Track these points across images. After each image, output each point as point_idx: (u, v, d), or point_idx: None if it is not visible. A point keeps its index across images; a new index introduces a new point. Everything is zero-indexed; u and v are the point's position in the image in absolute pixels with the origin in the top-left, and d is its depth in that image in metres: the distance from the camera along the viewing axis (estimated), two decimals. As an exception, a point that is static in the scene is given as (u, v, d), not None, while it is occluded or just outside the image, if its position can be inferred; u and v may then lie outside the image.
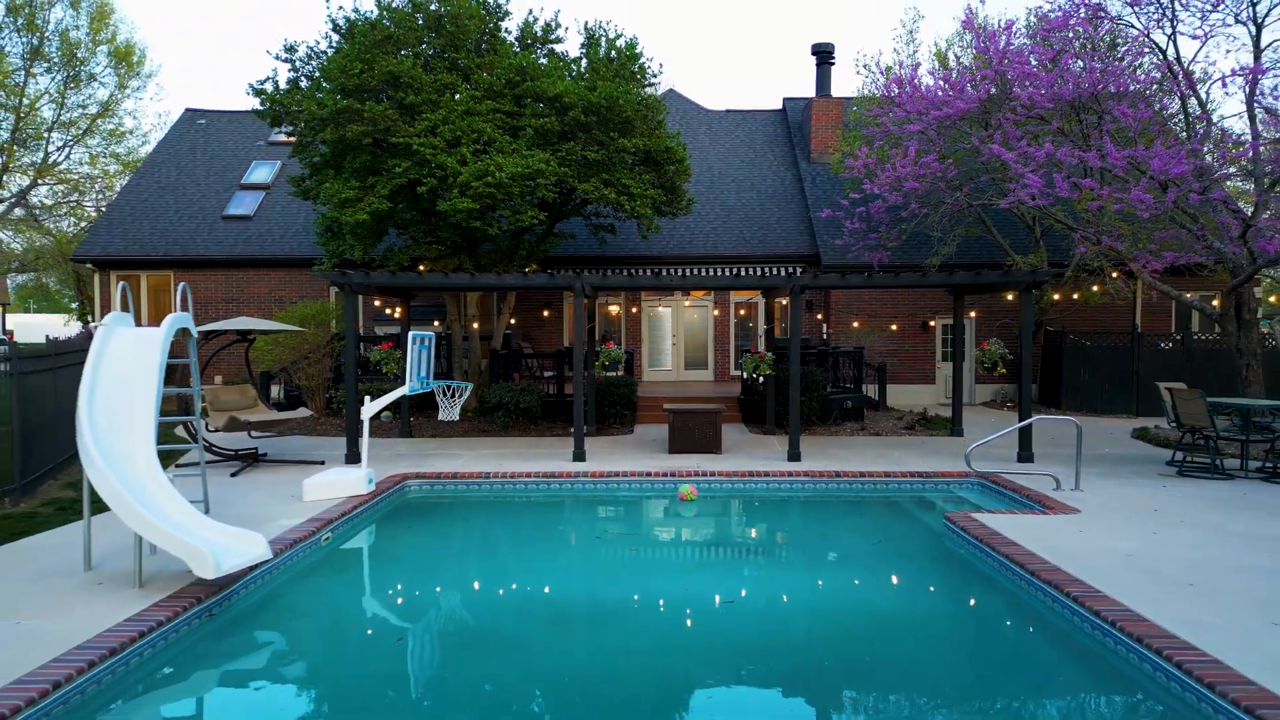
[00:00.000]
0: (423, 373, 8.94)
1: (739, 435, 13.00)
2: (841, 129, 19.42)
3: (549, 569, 7.01)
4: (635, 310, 19.16)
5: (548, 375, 14.92)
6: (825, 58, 21.08)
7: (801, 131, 21.43)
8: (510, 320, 16.82)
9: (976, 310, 17.79)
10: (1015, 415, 13.94)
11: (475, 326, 15.33)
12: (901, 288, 16.60)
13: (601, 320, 19.11)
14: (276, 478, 9.42)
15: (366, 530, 7.88)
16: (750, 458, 10.79)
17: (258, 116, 13.55)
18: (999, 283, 11.57)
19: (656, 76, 14.28)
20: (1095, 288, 15.59)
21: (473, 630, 5.64)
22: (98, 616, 4.83)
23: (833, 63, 21.11)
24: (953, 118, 12.81)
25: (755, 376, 12.22)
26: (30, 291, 48.65)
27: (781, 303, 17.21)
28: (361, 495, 8.22)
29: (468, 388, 10.17)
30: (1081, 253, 12.94)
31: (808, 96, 21.80)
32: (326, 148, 13.26)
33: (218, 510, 7.34)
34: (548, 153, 12.30)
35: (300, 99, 12.64)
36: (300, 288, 17.99)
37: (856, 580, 6.68)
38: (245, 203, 19.29)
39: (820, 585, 6.63)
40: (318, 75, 13.25)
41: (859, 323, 17.77)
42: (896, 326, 17.87)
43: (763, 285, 12.25)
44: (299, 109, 12.67)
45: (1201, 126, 11.84)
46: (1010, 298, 16.80)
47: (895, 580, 6.67)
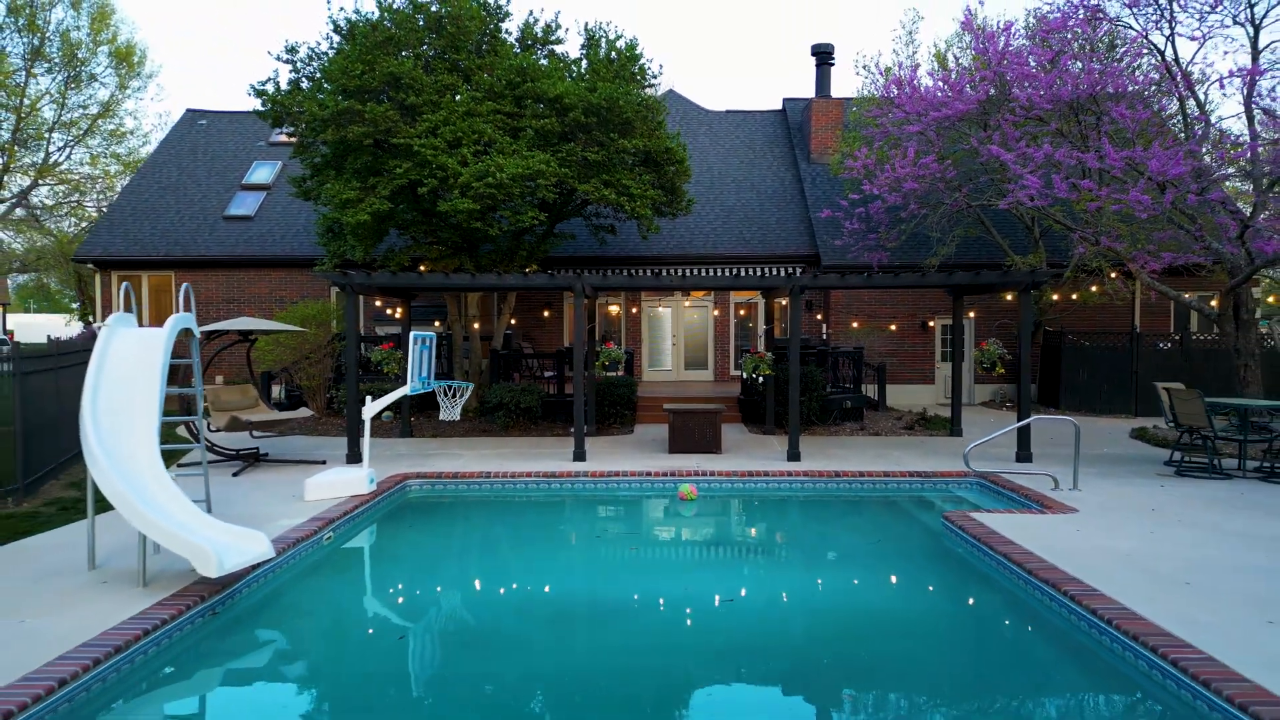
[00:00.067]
0: (424, 373, 8.97)
1: (739, 435, 13.04)
2: (841, 129, 19.45)
3: (549, 568, 7.05)
4: (635, 310, 19.20)
5: (548, 375, 14.96)
6: (825, 58, 21.12)
7: (801, 132, 21.47)
8: (511, 320, 16.86)
9: (976, 310, 17.83)
10: (1014, 415, 13.95)
11: (476, 326, 15.37)
12: (901, 288, 16.62)
13: (602, 320, 19.15)
14: (278, 477, 9.46)
15: (368, 530, 7.91)
16: (750, 457, 10.83)
17: (259, 117, 13.59)
18: (998, 283, 11.61)
19: (656, 77, 14.33)
20: (1094, 288, 15.62)
21: (474, 629, 5.68)
22: (102, 615, 4.86)
23: (832, 63, 21.16)
24: (952, 119, 12.85)
25: (755, 376, 12.26)
26: (31, 291, 48.70)
27: (781, 303, 17.25)
28: (363, 495, 8.26)
29: (469, 388, 10.20)
30: (1080, 253, 12.98)
31: (807, 97, 21.84)
32: (327, 148, 13.30)
33: (220, 509, 7.38)
34: (548, 153, 12.34)
35: (301, 100, 12.68)
36: (301, 288, 18.03)
37: (855, 579, 6.71)
38: (246, 203, 19.33)
39: (819, 584, 6.66)
40: (319, 76, 13.29)
41: (858, 323, 17.81)
42: (896, 327, 17.90)
43: (762, 285, 12.28)
44: (300, 110, 12.71)
45: (1200, 127, 11.87)
46: (1009, 298, 16.84)
47: (894, 579, 6.70)
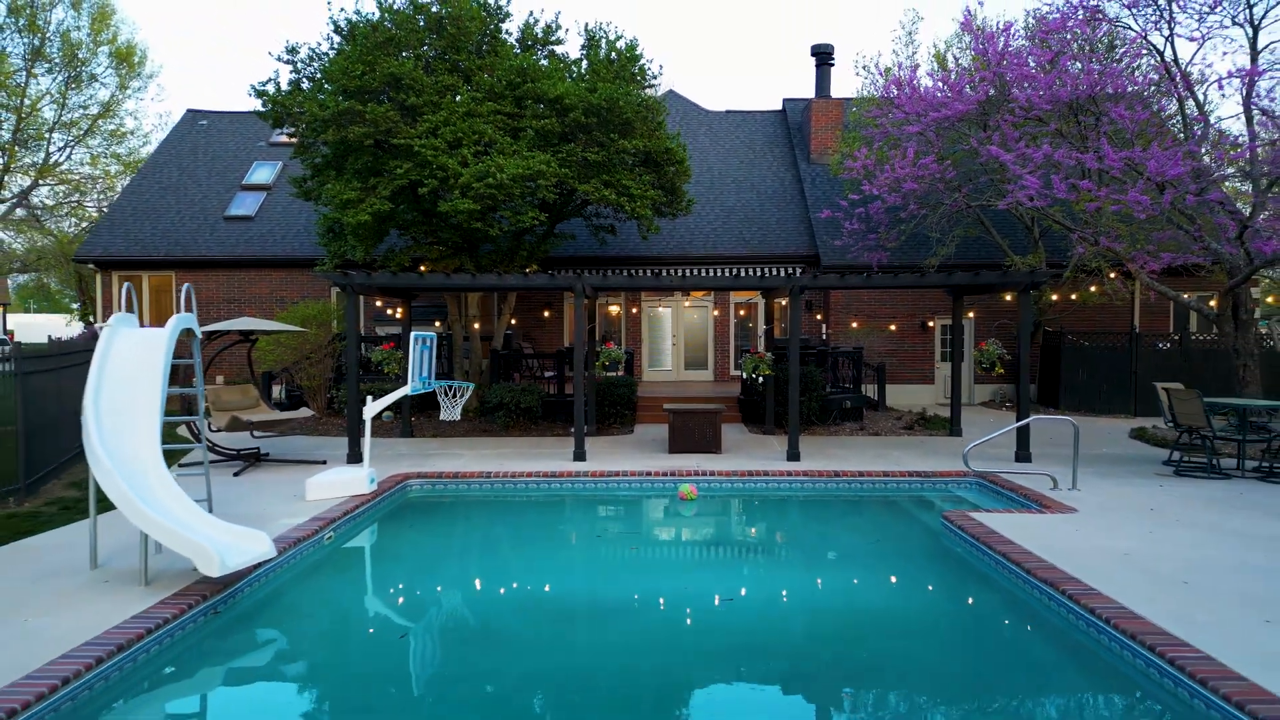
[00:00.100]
0: (425, 373, 8.99)
1: (739, 435, 13.06)
2: (841, 130, 19.47)
3: (550, 568, 7.07)
4: (635, 310, 19.22)
5: (548, 375, 14.98)
6: (825, 59, 21.13)
7: (801, 132, 21.48)
8: (511, 320, 16.88)
9: (975, 311, 17.85)
10: (1014, 415, 13.96)
11: (476, 327, 15.38)
12: (900, 288, 16.61)
13: (602, 320, 19.17)
14: (279, 477, 9.48)
15: (369, 529, 7.93)
16: (750, 457, 10.85)
17: (260, 118, 13.61)
18: (997, 283, 11.63)
19: (656, 78, 14.34)
20: (1093, 288, 15.65)
21: (475, 628, 5.70)
22: (104, 614, 4.88)
23: (832, 64, 21.16)
24: (951, 119, 12.86)
25: (755, 376, 12.28)
26: (31, 292, 48.72)
27: (781, 303, 17.26)
28: (364, 494, 8.28)
29: (469, 388, 10.22)
30: (1079, 253, 13.01)
31: (807, 97, 21.86)
32: (328, 149, 13.32)
33: (221, 509, 7.39)
34: (548, 154, 12.36)
35: (302, 100, 12.69)
36: (301, 288, 18.05)
37: (855, 579, 6.73)
38: (247, 203, 19.36)
39: (818, 583, 6.68)
40: (319, 77, 13.31)
41: (858, 323, 17.83)
42: (895, 327, 17.93)
43: (762, 286, 12.29)
44: (301, 110, 12.73)
45: (1199, 128, 11.89)
46: (1009, 298, 16.86)
47: (893, 579, 6.72)
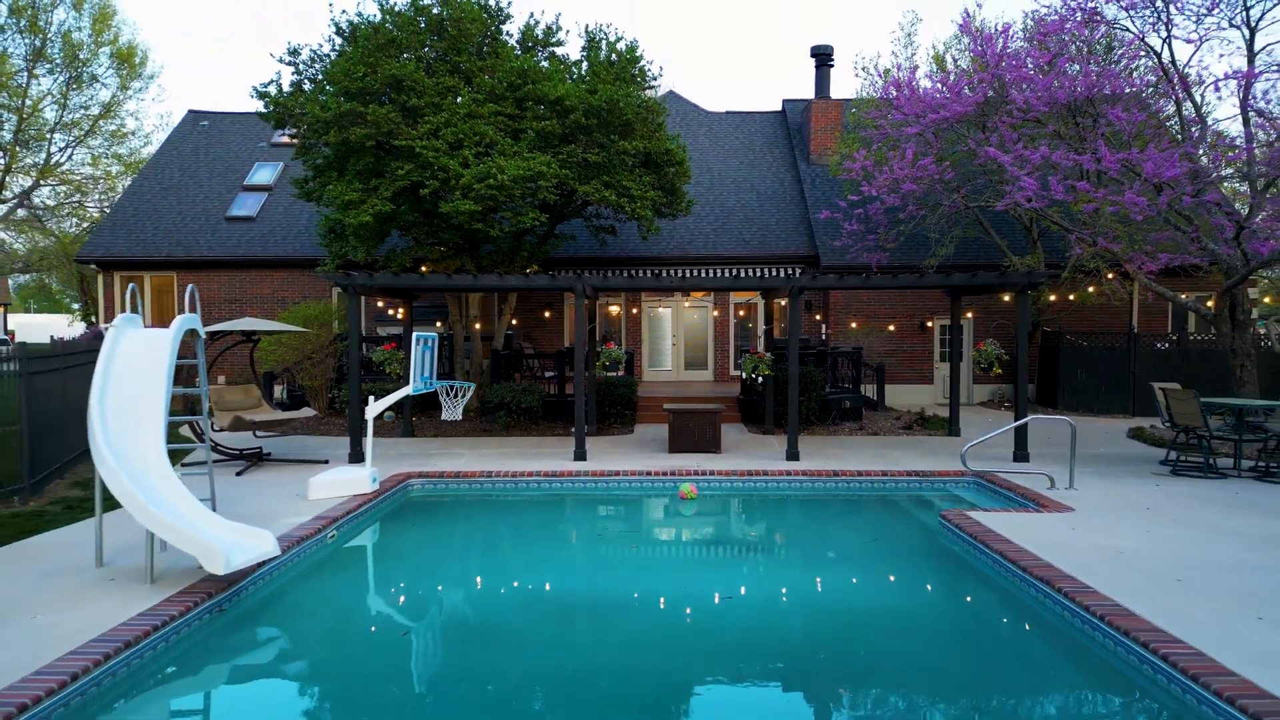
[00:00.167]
0: (426, 373, 9.06)
1: (738, 435, 13.12)
2: (840, 131, 19.52)
3: (551, 566, 7.13)
4: (635, 311, 19.28)
5: (549, 375, 15.04)
6: (824, 60, 21.18)
7: (801, 133, 21.54)
8: (512, 321, 16.94)
9: (974, 311, 17.91)
10: (1012, 415, 14.03)
11: (477, 327, 15.44)
12: (899, 289, 16.70)
13: (602, 321, 19.23)
14: (281, 477, 9.54)
15: (371, 528, 8.00)
16: (749, 457, 10.91)
17: (261, 119, 13.67)
18: (995, 284, 11.69)
19: (656, 79, 14.39)
20: (1091, 289, 15.71)
21: (477, 626, 5.77)
22: (111, 611, 4.94)
23: (832, 65, 21.21)
24: (950, 120, 12.91)
25: (754, 377, 12.34)
26: (32, 292, 48.82)
27: (781, 303, 17.33)
28: (366, 494, 8.34)
29: (470, 388, 10.28)
30: (1078, 254, 13.06)
31: (807, 98, 21.91)
32: (330, 150, 13.38)
33: (225, 508, 7.44)
34: (549, 155, 12.41)
35: (304, 102, 12.74)
36: (303, 288, 18.11)
37: (853, 577, 6.80)
38: (248, 204, 19.42)
39: (817, 582, 6.74)
40: (321, 78, 13.37)
41: (857, 323, 17.89)
42: (895, 327, 17.98)
43: (762, 286, 12.35)
44: (302, 112, 12.78)
45: (1197, 129, 11.95)
46: (1007, 299, 16.91)
47: (891, 577, 6.78)
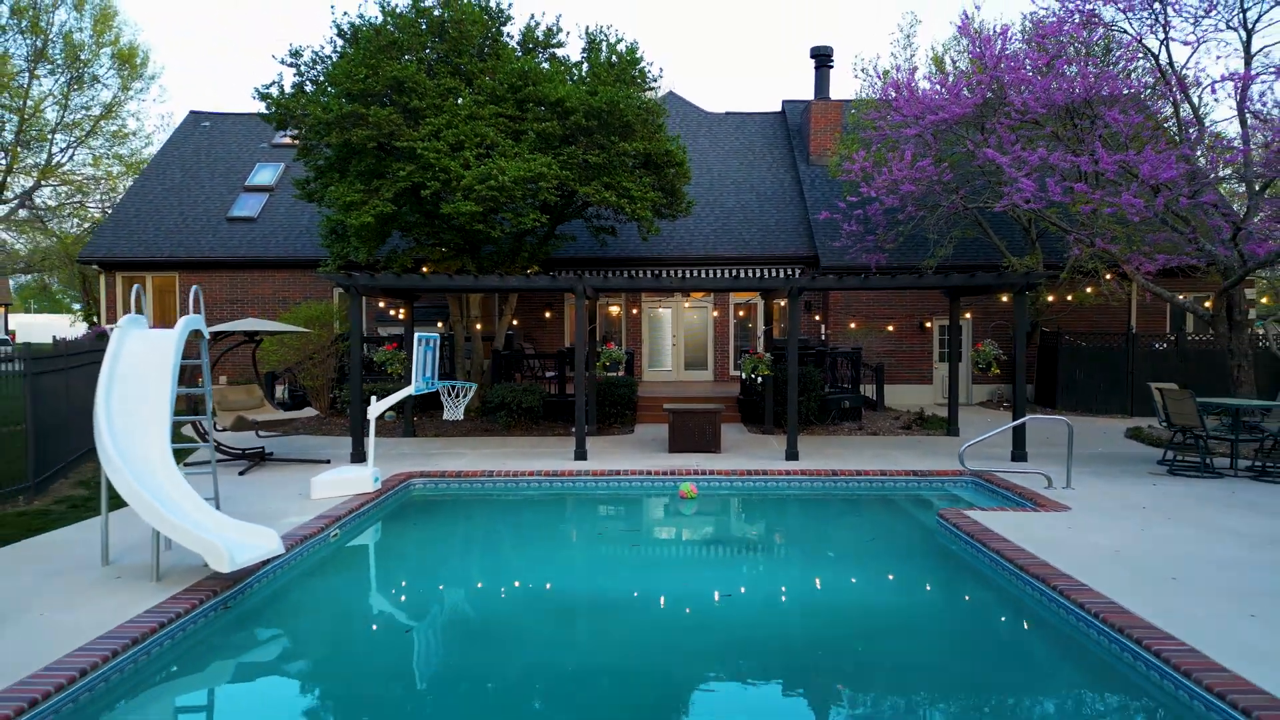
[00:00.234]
0: (428, 373, 9.12)
1: (738, 435, 13.18)
2: (840, 131, 19.57)
3: (552, 565, 7.18)
4: (635, 311, 19.34)
5: (549, 375, 15.09)
6: (824, 61, 21.24)
7: (800, 134, 21.60)
8: (512, 321, 16.99)
9: (972, 311, 17.97)
10: (1011, 415, 14.09)
11: (478, 327, 15.50)
12: (898, 289, 16.78)
13: (602, 321, 19.29)
14: (284, 476, 9.60)
15: (373, 527, 8.06)
16: (749, 457, 10.96)
17: (263, 120, 13.73)
18: (993, 284, 11.75)
19: (656, 80, 14.45)
20: (1089, 289, 15.76)
21: (478, 623, 5.82)
22: (118, 609, 5.00)
23: (831, 65, 21.26)
24: (949, 122, 12.97)
25: (754, 377, 12.40)
26: (32, 292, 48.88)
27: (780, 304, 17.40)
28: (368, 493, 8.40)
29: (472, 388, 10.34)
30: (1076, 255, 13.12)
31: (807, 99, 21.96)
32: (331, 151, 13.43)
33: (228, 507, 7.50)
34: (549, 156, 12.47)
35: (305, 103, 12.80)
36: (304, 289, 18.17)
37: (852, 576, 6.86)
38: (249, 204, 19.48)
39: (816, 580, 6.80)
40: (322, 80, 13.43)
41: (857, 324, 17.95)
42: (894, 327, 18.04)
43: (761, 287, 12.41)
44: (304, 113, 12.83)
45: (1194, 131, 12.01)
46: (1005, 299, 16.97)
47: (889, 576, 6.84)
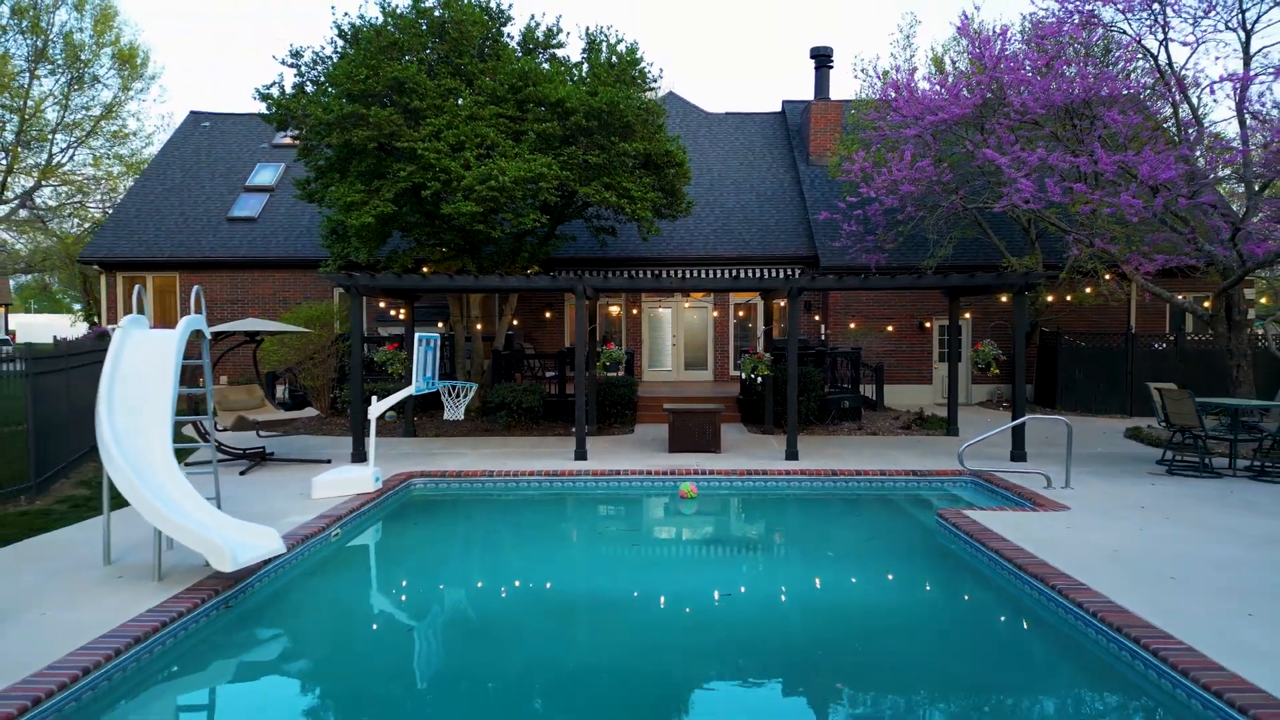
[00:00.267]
0: (429, 373, 9.14)
1: (738, 435, 13.20)
2: (840, 132, 19.59)
3: (552, 565, 7.21)
4: (635, 311, 19.36)
5: (549, 375, 15.11)
6: (824, 61, 21.25)
7: (800, 134, 21.62)
8: (513, 321, 17.01)
9: (972, 311, 17.99)
10: (1010, 415, 14.12)
11: (478, 327, 15.52)
12: (897, 289, 16.78)
13: (602, 321, 19.31)
14: (285, 476, 9.62)
15: (375, 526, 8.08)
16: (749, 457, 10.99)
17: (264, 120, 13.75)
18: (992, 285, 11.78)
19: (656, 81, 14.47)
20: (1089, 289, 15.78)
21: (479, 622, 5.84)
22: (120, 607, 5.02)
23: (831, 66, 21.27)
24: (948, 122, 12.98)
25: (754, 377, 12.42)
26: (32, 292, 48.91)
27: (780, 304, 17.43)
28: (369, 493, 8.42)
29: (473, 388, 10.36)
30: (1075, 255, 13.14)
31: (806, 99, 21.97)
32: (332, 151, 13.45)
33: (229, 507, 7.51)
34: (550, 156, 12.49)
35: (306, 104, 12.82)
36: (304, 289, 18.19)
37: (851, 575, 6.88)
38: (250, 205, 19.50)
39: (815, 579, 6.83)
40: (323, 80, 13.45)
41: (856, 324, 17.97)
42: (893, 327, 18.06)
43: (761, 287, 12.44)
44: (305, 114, 12.85)
45: (1193, 131, 12.03)
46: (1005, 299, 16.99)
47: (889, 575, 6.87)
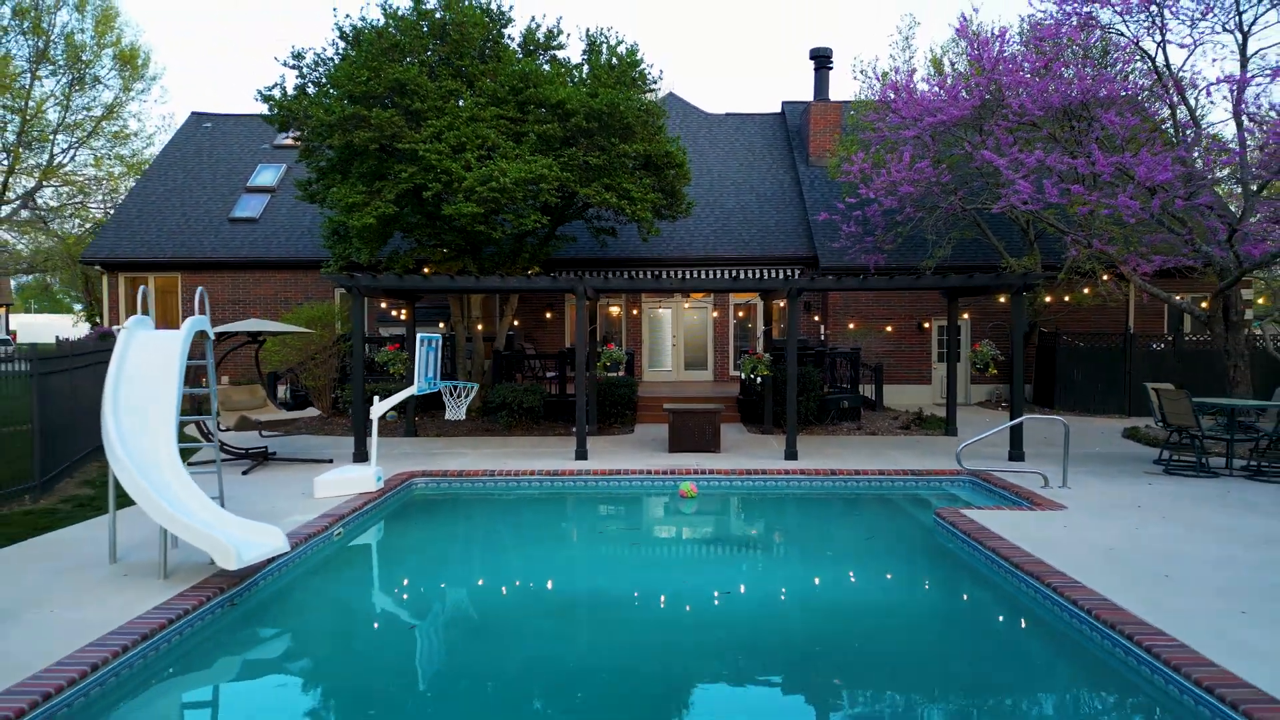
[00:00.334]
0: (430, 373, 9.20)
1: (738, 435, 13.25)
2: (839, 133, 19.65)
3: (553, 563, 7.27)
4: (636, 312, 19.42)
5: (550, 376, 15.17)
6: (823, 62, 21.31)
7: (800, 135, 21.68)
8: (513, 322, 17.07)
9: (971, 312, 18.04)
10: (1009, 415, 14.16)
11: (479, 327, 15.58)
12: (896, 290, 16.82)
13: (603, 321, 19.37)
14: (287, 475, 9.68)
15: (377, 525, 8.14)
16: (748, 456, 11.04)
17: (266, 122, 13.81)
18: (991, 285, 11.82)
19: (657, 82, 14.52)
20: (1087, 290, 15.84)
21: (481, 620, 5.90)
22: (127, 605, 5.08)
23: (831, 67, 21.33)
24: (947, 123, 13.04)
25: (753, 377, 12.48)
26: (33, 292, 48.95)
27: (780, 304, 17.49)
28: (371, 492, 8.48)
29: (473, 388, 10.42)
30: (1073, 256, 13.20)
31: (806, 100, 22.02)
32: (334, 153, 13.50)
33: (233, 506, 7.56)
34: (550, 158, 12.55)
35: (308, 105, 12.87)
36: (305, 289, 18.25)
37: (850, 574, 6.94)
38: (251, 205, 19.56)
39: (814, 578, 6.88)
40: (325, 82, 13.50)
41: (856, 324, 18.02)
42: (892, 328, 18.12)
43: (761, 288, 12.49)
44: (307, 115, 12.90)
45: (1190, 133, 12.09)
46: (1003, 300, 17.05)
47: (887, 573, 6.93)
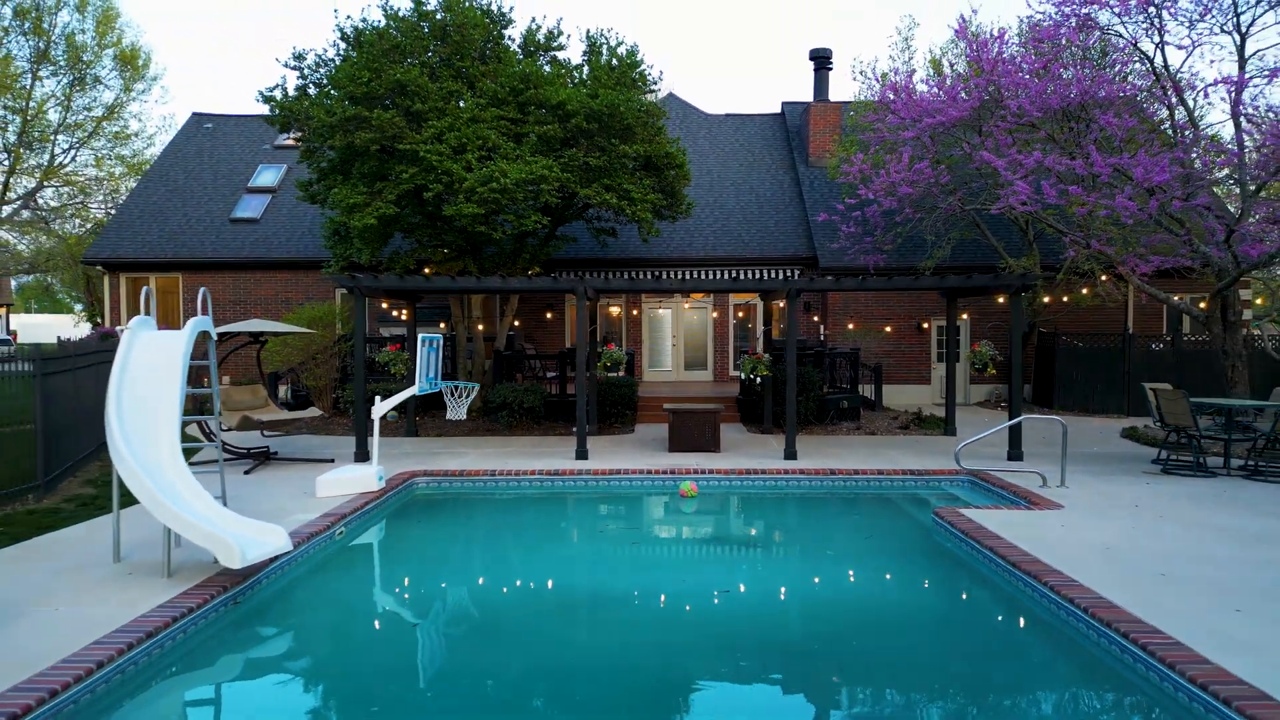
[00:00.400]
0: (431, 373, 9.24)
1: (737, 434, 13.30)
2: (839, 133, 19.69)
3: (553, 562, 7.31)
4: (636, 312, 19.47)
5: (550, 376, 15.21)
6: (823, 63, 21.34)
7: (800, 135, 21.72)
8: (514, 322, 17.11)
9: (970, 312, 18.08)
10: (1008, 415, 14.20)
11: (479, 328, 15.62)
12: (895, 290, 16.85)
13: (603, 321, 19.41)
14: (289, 475, 9.73)
15: (378, 525, 8.18)
16: (748, 456, 11.09)
17: (267, 123, 13.86)
18: (989, 286, 11.88)
19: (657, 83, 14.57)
20: (1086, 290, 15.88)
21: (482, 619, 5.95)
22: (131, 603, 5.12)
23: (830, 68, 21.36)
24: (946, 124, 13.09)
25: (753, 377, 12.53)
26: (34, 292, 49.00)
27: (779, 305, 17.53)
28: (372, 492, 8.53)
29: (474, 388, 10.46)
30: (1072, 256, 13.24)
31: (806, 101, 22.06)
32: (335, 153, 13.55)
33: (235, 506, 7.59)
34: (551, 159, 12.59)
35: (309, 106, 12.92)
36: (306, 290, 18.29)
37: (849, 573, 6.99)
38: (252, 206, 19.60)
39: (814, 577, 6.93)
40: (326, 83, 13.55)
41: (855, 324, 18.06)
42: (892, 328, 18.16)
43: (760, 288, 12.54)
44: (308, 116, 12.95)
45: (1189, 133, 12.14)
46: (1002, 300, 17.08)
47: (885, 573, 6.97)
